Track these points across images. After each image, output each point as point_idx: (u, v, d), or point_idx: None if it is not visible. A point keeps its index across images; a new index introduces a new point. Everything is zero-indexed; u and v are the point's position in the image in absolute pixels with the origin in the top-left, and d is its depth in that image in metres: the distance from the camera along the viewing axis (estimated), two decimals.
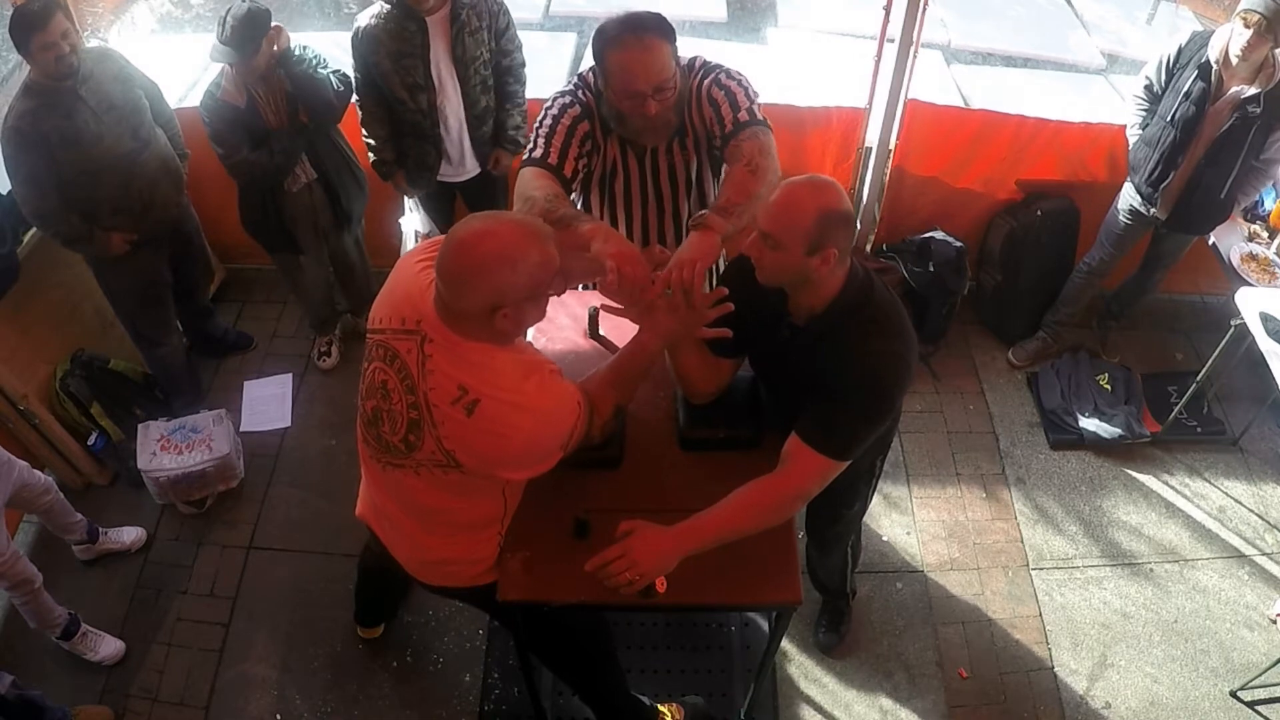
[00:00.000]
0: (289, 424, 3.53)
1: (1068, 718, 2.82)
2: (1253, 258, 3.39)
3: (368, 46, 2.92)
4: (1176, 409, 3.51)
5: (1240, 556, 3.23)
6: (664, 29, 1.99)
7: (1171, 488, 3.43)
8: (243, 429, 3.47)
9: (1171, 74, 3.06)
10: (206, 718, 2.76)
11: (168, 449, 3.12)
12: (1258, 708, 2.84)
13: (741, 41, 4.94)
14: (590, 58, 2.09)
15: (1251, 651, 2.97)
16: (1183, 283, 3.93)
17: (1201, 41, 2.98)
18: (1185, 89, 2.97)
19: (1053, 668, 2.93)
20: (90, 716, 2.69)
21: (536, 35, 4.67)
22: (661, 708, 2.56)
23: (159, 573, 3.09)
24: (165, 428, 3.18)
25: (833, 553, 2.65)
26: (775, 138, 2.11)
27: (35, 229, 3.07)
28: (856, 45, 4.39)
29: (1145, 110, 3.20)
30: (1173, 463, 3.51)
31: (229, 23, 2.69)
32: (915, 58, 3.13)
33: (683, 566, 1.73)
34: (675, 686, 2.74)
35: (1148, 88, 3.16)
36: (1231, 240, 3.45)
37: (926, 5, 2.99)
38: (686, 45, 2.16)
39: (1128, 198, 3.32)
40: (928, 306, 3.59)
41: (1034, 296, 3.78)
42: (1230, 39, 2.84)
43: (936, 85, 4.14)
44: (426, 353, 1.65)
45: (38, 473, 2.78)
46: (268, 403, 3.60)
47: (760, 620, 2.91)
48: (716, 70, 2.15)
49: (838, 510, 2.37)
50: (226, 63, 2.77)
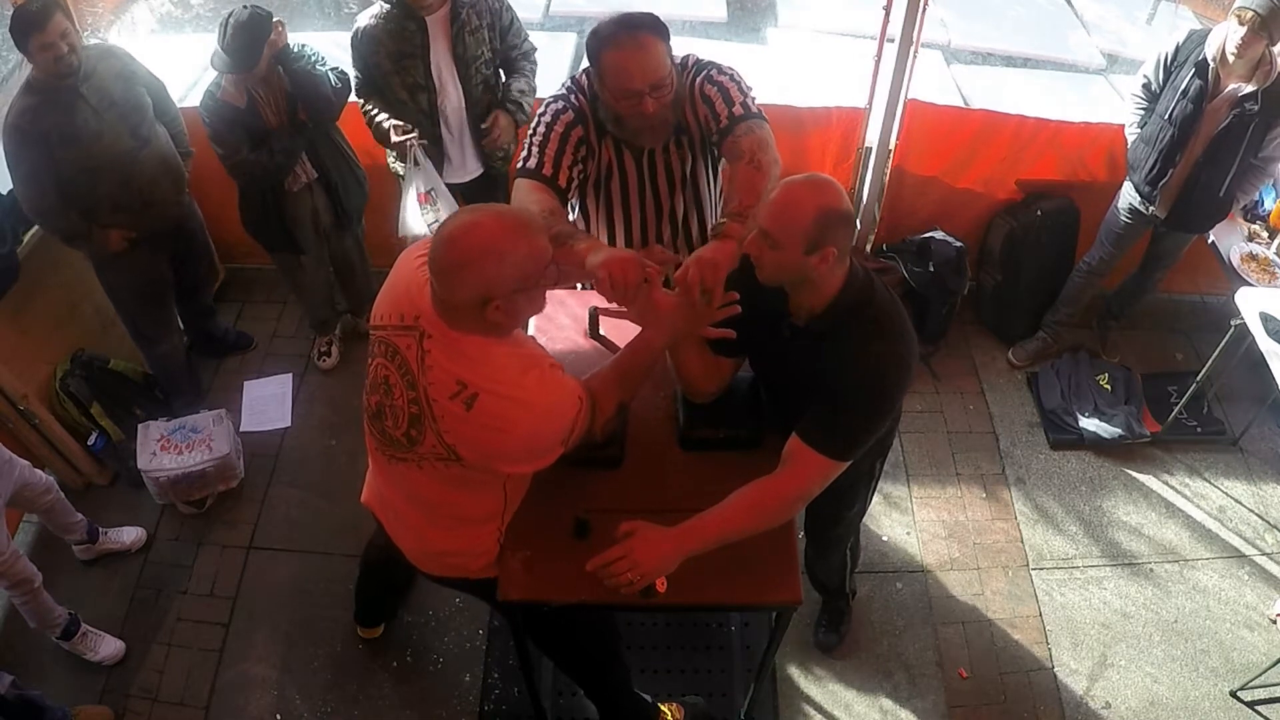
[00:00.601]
0: (289, 424, 3.53)
1: (1068, 718, 2.82)
2: (1253, 258, 3.39)
3: (368, 46, 2.91)
4: (1176, 409, 3.51)
5: (1240, 556, 3.23)
6: (658, 27, 1.99)
7: (1171, 488, 3.43)
8: (243, 429, 3.47)
9: (1169, 72, 3.07)
10: (206, 718, 2.77)
11: (168, 449, 3.12)
12: (1258, 708, 2.84)
13: (741, 41, 4.93)
14: (586, 59, 2.09)
15: (1251, 651, 2.97)
16: (1183, 283, 3.93)
17: (1199, 40, 2.98)
18: (1183, 87, 2.98)
19: (1053, 668, 2.93)
20: (90, 716, 2.69)
21: (536, 35, 4.63)
22: (662, 707, 2.57)
23: (159, 573, 3.09)
24: (165, 428, 3.18)
25: (832, 554, 2.65)
26: (775, 139, 2.11)
27: (35, 228, 3.08)
28: (856, 45, 4.38)
29: (1144, 109, 3.20)
30: (1173, 463, 3.51)
31: (230, 30, 2.68)
32: (915, 58, 3.13)
33: (683, 566, 1.73)
34: (675, 686, 2.74)
35: (1145, 86, 3.17)
36: (1231, 240, 3.45)
37: (926, 5, 2.99)
38: (686, 45, 2.17)
39: (1127, 197, 3.32)
40: (928, 306, 3.59)
41: (1034, 296, 3.78)
42: (1226, 36, 2.85)
43: (936, 85, 4.14)
44: (425, 348, 1.65)
45: (38, 472, 2.79)
46: (268, 403, 3.60)
47: (760, 620, 2.91)
48: (708, 67, 2.16)
49: (837, 512, 2.37)
50: (227, 72, 2.77)
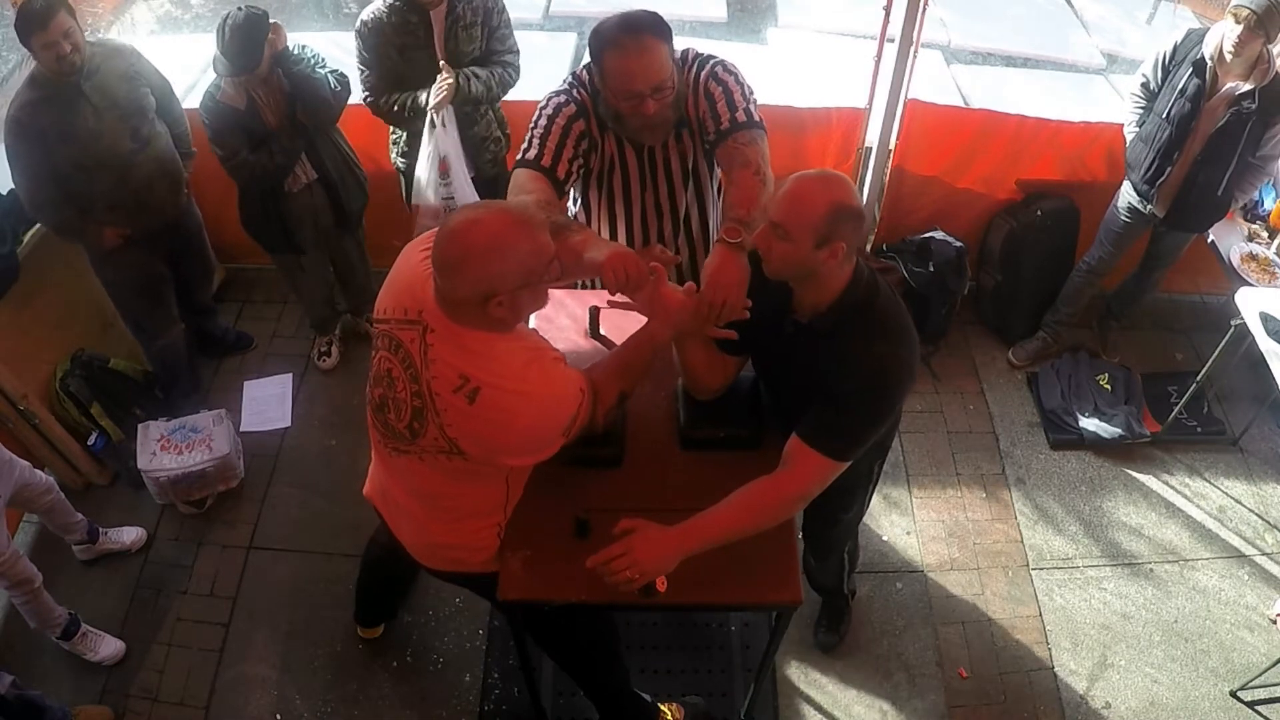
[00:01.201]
0: (289, 424, 3.53)
1: (1068, 718, 2.82)
2: (1253, 258, 3.39)
3: (375, 38, 2.90)
4: (1176, 409, 3.51)
5: (1240, 557, 3.23)
6: (660, 28, 1.98)
7: (1171, 488, 3.43)
8: (243, 429, 3.47)
9: (1167, 71, 3.07)
10: (206, 718, 2.77)
11: (168, 449, 3.12)
12: (1258, 708, 2.84)
13: (741, 41, 4.94)
14: (587, 56, 2.09)
15: (1251, 652, 2.97)
16: (1183, 283, 3.93)
17: (1197, 39, 2.99)
18: (1180, 86, 2.98)
19: (1053, 668, 2.93)
20: (90, 716, 2.69)
21: (536, 35, 4.67)
22: (662, 707, 2.57)
23: (159, 573, 3.09)
24: (165, 428, 3.18)
25: (830, 556, 2.64)
26: (775, 139, 2.12)
27: (35, 228, 3.09)
28: (856, 45, 4.39)
29: (1142, 108, 3.20)
30: (1173, 463, 3.51)
31: (227, 33, 2.68)
32: (915, 58, 3.13)
33: (683, 566, 1.73)
34: (675, 686, 2.74)
35: (1144, 85, 3.17)
36: (1231, 240, 3.45)
37: (926, 5, 2.99)
38: (686, 45, 2.16)
39: (1126, 196, 3.32)
40: (928, 306, 3.59)
41: (1034, 296, 3.78)
42: (1224, 35, 2.85)
43: (936, 85, 4.14)
44: (428, 342, 1.66)
45: (38, 472, 2.79)
46: (268, 403, 3.60)
47: (760, 620, 2.91)
48: (711, 62, 2.14)
49: (835, 514, 2.36)
50: (227, 75, 2.77)
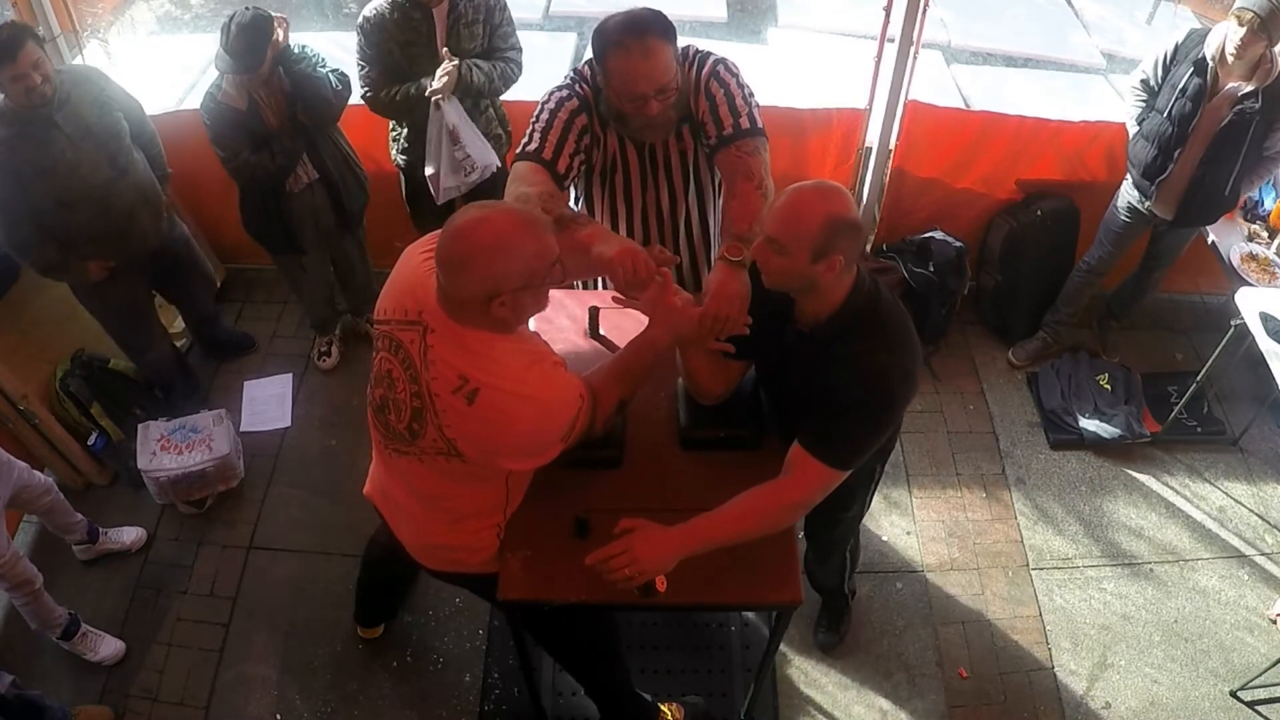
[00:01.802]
0: (289, 424, 3.53)
1: (1068, 718, 2.82)
2: (1253, 258, 3.39)
3: (378, 34, 2.89)
4: (1176, 409, 3.51)
5: (1240, 557, 3.23)
6: (664, 28, 1.97)
7: (1171, 488, 3.43)
8: (243, 429, 3.47)
9: (1168, 70, 3.07)
10: (206, 718, 2.77)
11: (168, 449, 3.12)
12: (1258, 708, 2.84)
13: (741, 41, 4.94)
14: (588, 51, 2.08)
15: (1251, 652, 2.97)
16: (1183, 283, 3.93)
17: (1199, 39, 2.99)
18: (1182, 85, 2.98)
19: (1053, 668, 2.93)
20: (90, 716, 2.69)
21: (536, 35, 4.67)
22: (662, 707, 2.57)
23: (159, 573, 3.09)
24: (165, 428, 3.18)
25: (831, 556, 2.65)
26: (776, 141, 2.11)
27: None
28: (856, 45, 4.39)
29: (1143, 103, 3.19)
30: (1173, 463, 3.51)
31: (233, 32, 2.67)
32: (915, 58, 3.13)
33: (683, 566, 1.73)
34: (675, 686, 2.74)
35: (1144, 82, 3.16)
36: (1231, 240, 3.45)
37: (927, 5, 2.99)
38: (686, 44, 2.15)
39: (1126, 196, 3.32)
40: (928, 306, 3.59)
41: (1034, 296, 3.78)
42: (1226, 36, 2.85)
43: (937, 85, 4.14)
44: (429, 343, 1.66)
45: (37, 473, 2.79)
46: (268, 403, 3.60)
47: (760, 620, 2.91)
48: (712, 60, 2.13)
49: (837, 513, 2.36)
50: (231, 73, 2.76)
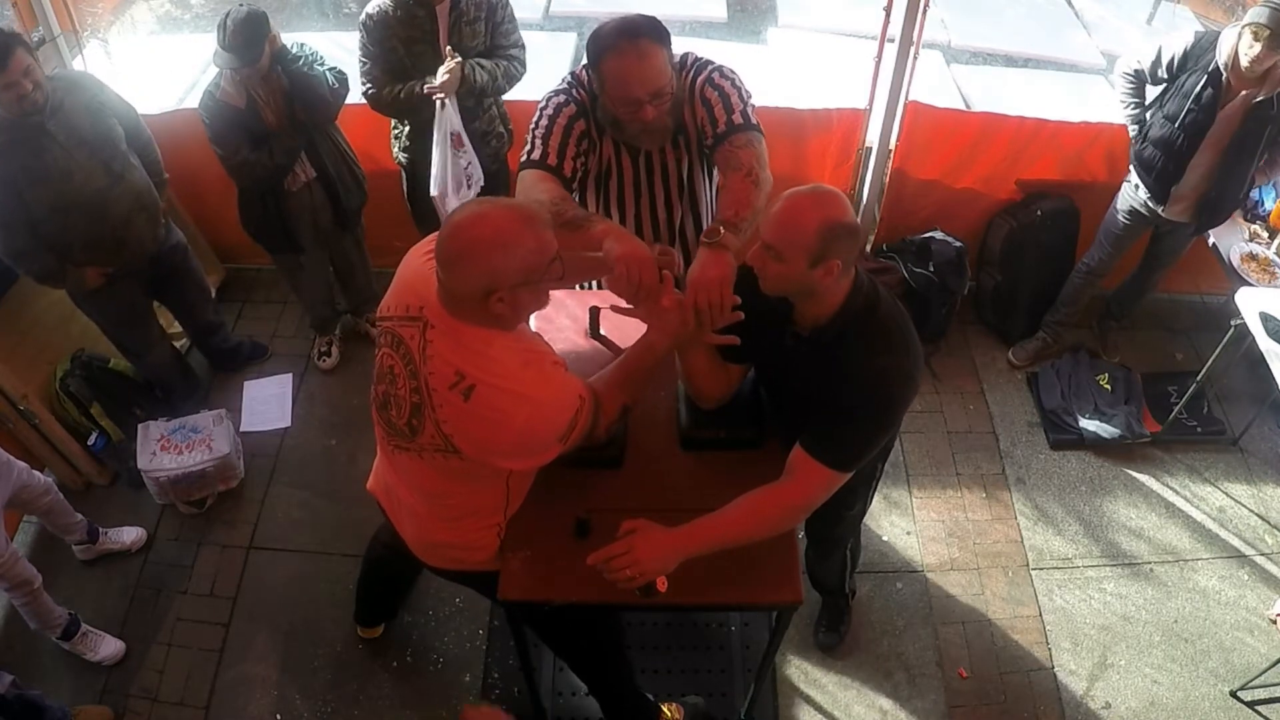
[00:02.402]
0: (289, 424, 3.53)
1: (1068, 718, 2.82)
2: (1253, 258, 3.39)
3: (381, 31, 2.88)
4: (1176, 409, 3.51)
5: (1240, 557, 3.23)
6: (658, 33, 1.96)
7: (1171, 488, 3.43)
8: (243, 429, 3.47)
9: (1172, 72, 3.04)
10: (206, 718, 2.77)
11: (168, 449, 3.12)
12: (1258, 708, 2.84)
13: (741, 42, 4.93)
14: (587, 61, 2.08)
15: (1251, 652, 2.97)
16: (1183, 283, 3.93)
17: (1208, 44, 2.95)
18: (1193, 93, 2.95)
19: (1053, 668, 2.93)
20: (90, 716, 2.69)
21: (536, 35, 4.66)
22: (662, 707, 2.57)
23: (159, 573, 3.09)
24: (165, 428, 3.18)
25: (832, 555, 2.65)
26: (776, 141, 2.10)
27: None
28: (856, 45, 4.39)
29: (1135, 100, 3.18)
30: (1173, 463, 3.51)
31: (229, 28, 2.67)
32: (915, 58, 3.13)
33: (683, 566, 1.73)
34: (675, 686, 2.74)
35: (1137, 72, 3.14)
36: (1231, 240, 3.45)
37: (927, 5, 2.99)
38: (686, 46, 2.15)
39: (1127, 198, 3.32)
40: (928, 306, 3.59)
41: (1034, 296, 3.78)
42: (1239, 47, 2.83)
43: (937, 85, 4.14)
44: (428, 338, 1.67)
45: (37, 474, 2.78)
46: (268, 403, 3.60)
47: (760, 620, 2.91)
48: (709, 68, 2.13)
49: (837, 512, 2.36)
50: (231, 68, 2.75)
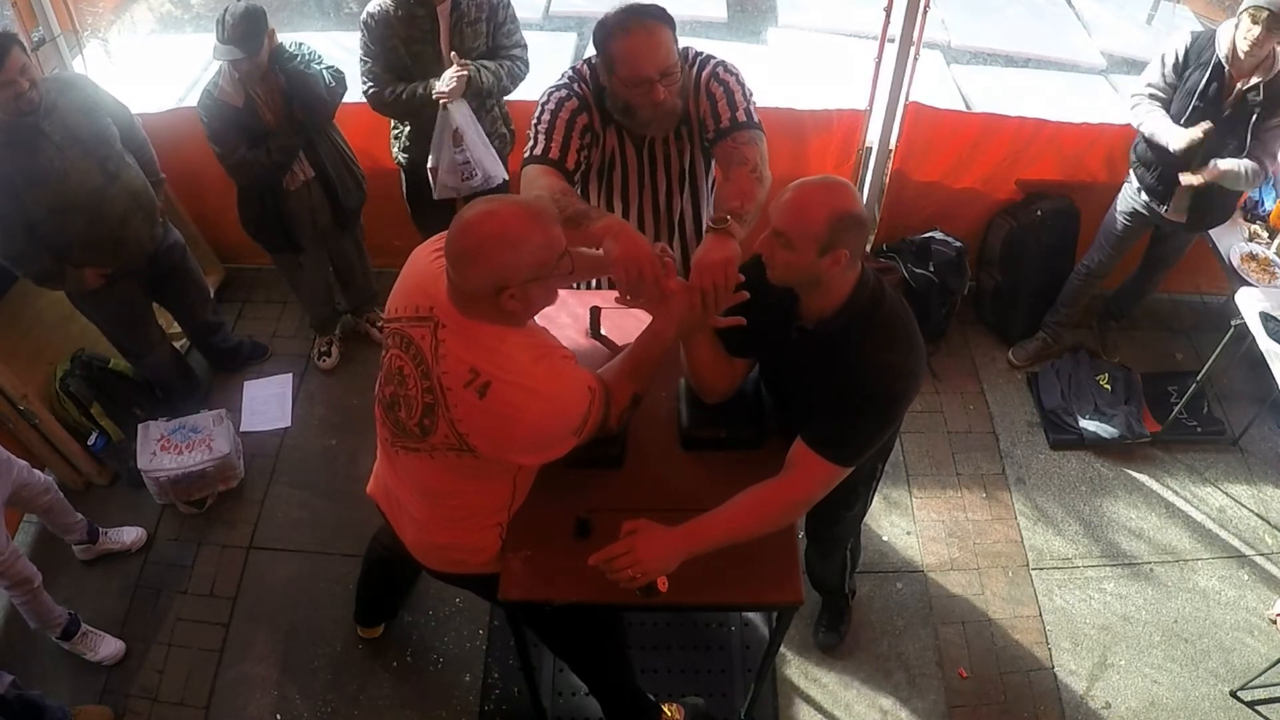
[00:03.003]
0: (289, 424, 3.53)
1: (1068, 718, 2.82)
2: (1253, 258, 3.39)
3: (382, 30, 2.88)
4: (1176, 409, 3.51)
5: (1240, 557, 3.23)
6: (665, 16, 2.02)
7: (1171, 488, 3.43)
8: (243, 429, 3.47)
9: (1178, 73, 3.04)
10: (206, 718, 2.77)
11: (168, 449, 3.12)
12: (1258, 708, 2.84)
13: (741, 41, 4.95)
14: (593, 51, 2.09)
15: (1251, 653, 2.97)
16: (1183, 283, 3.93)
17: (1206, 41, 2.95)
18: (1199, 90, 2.94)
19: (1053, 668, 2.93)
20: (90, 716, 2.69)
21: (536, 35, 4.65)
22: (662, 707, 2.57)
23: (159, 573, 3.09)
24: (165, 428, 3.18)
25: (832, 554, 2.65)
26: (776, 142, 2.13)
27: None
28: (856, 45, 4.40)
29: (1160, 107, 3.10)
30: (1173, 463, 3.51)
31: (229, 22, 2.67)
32: (916, 59, 3.13)
33: (684, 566, 1.73)
34: (675, 686, 2.74)
35: (1158, 87, 3.08)
36: (1231, 240, 3.45)
37: (927, 5, 2.99)
38: (686, 45, 2.16)
39: (1127, 200, 3.32)
40: (928, 306, 3.59)
41: (1034, 296, 3.78)
42: (1237, 34, 2.83)
43: (937, 86, 4.14)
44: (440, 338, 1.67)
45: (37, 472, 2.78)
46: (268, 403, 3.60)
47: (760, 620, 2.92)
48: (713, 62, 2.17)
49: (837, 512, 2.37)
50: (230, 60, 2.74)
